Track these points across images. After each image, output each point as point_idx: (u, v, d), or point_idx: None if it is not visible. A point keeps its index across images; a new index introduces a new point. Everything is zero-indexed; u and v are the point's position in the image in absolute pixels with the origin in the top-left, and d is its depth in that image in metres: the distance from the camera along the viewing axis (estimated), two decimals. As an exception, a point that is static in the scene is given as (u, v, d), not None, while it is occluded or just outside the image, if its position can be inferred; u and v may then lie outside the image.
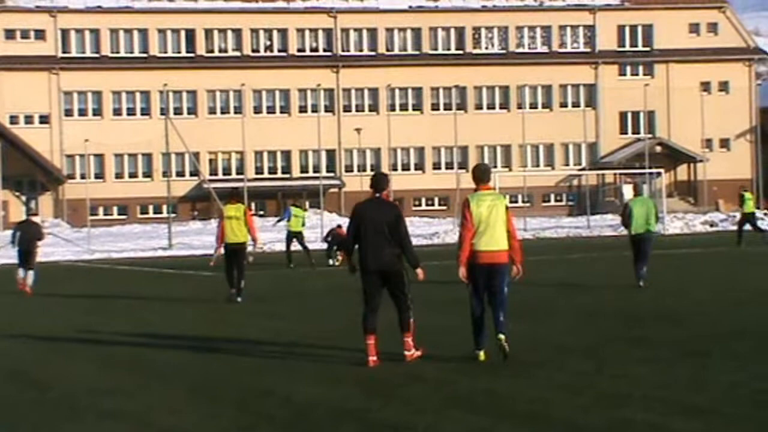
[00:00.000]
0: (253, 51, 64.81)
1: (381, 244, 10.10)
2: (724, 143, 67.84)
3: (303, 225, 27.67)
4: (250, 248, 18.27)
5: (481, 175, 10.53)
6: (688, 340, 11.27)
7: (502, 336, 10.14)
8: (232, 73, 62.55)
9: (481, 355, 10.25)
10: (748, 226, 30.75)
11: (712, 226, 43.52)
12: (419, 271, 10.30)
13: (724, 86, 67.81)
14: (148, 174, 63.36)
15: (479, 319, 10.31)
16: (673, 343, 11.08)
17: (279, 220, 29.71)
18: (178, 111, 62.71)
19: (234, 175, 62.09)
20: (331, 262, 27.37)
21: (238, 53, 64.67)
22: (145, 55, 63.75)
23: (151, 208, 62.58)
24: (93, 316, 15.97)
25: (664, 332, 11.94)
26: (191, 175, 62.67)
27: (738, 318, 13.08)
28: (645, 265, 17.73)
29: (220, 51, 64.69)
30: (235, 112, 62.84)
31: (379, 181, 10.35)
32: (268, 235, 38.30)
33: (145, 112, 63.52)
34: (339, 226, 29.47)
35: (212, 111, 64.52)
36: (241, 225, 17.65)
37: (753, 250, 27.80)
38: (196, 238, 43.37)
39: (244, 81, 59.45)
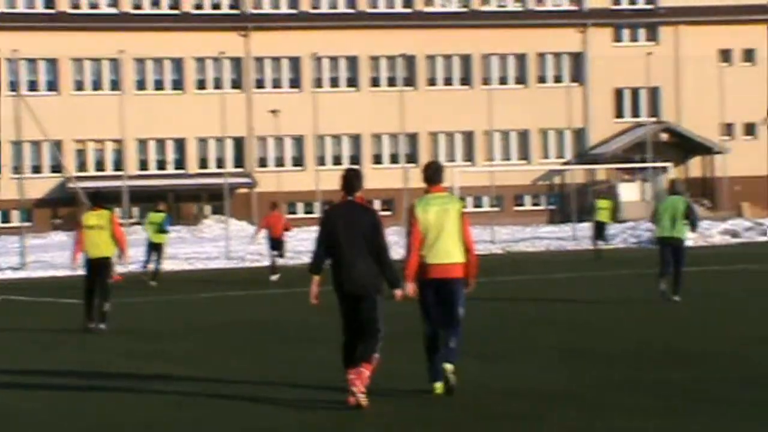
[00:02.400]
0: (135, 7, 64.49)
1: (355, 259, 10.63)
2: (749, 129, 69.03)
3: (163, 232, 29.35)
4: (119, 268, 18.82)
5: (432, 175, 11.30)
6: (703, 385, 11.55)
7: (449, 366, 10.98)
8: (107, 36, 62.19)
9: (438, 387, 11.02)
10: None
11: (734, 236, 44.30)
12: (398, 292, 10.84)
13: (748, 55, 69.03)
14: (-7, 170, 62.76)
15: (434, 345, 11.07)
16: (684, 388, 11.35)
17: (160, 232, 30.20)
18: (33, 86, 62.14)
19: (110, 171, 61.70)
20: (273, 277, 29.33)
21: (114, 10, 64.28)
22: (-11, 11, 63.10)
23: (-2, 216, 61.95)
24: None
25: (672, 375, 12.22)
26: (52, 171, 62.10)
27: (764, 357, 13.41)
28: (680, 278, 19.59)
29: (91, 7, 64.30)
30: (111, 88, 62.49)
31: (352, 179, 10.87)
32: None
33: (-10, 87, 62.88)
34: (274, 207, 30.87)
35: (79, 86, 64.08)
36: (106, 235, 18.21)
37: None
38: (59, 255, 43.02)
39: (122, 47, 59.08)
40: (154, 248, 29.31)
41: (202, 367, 13.96)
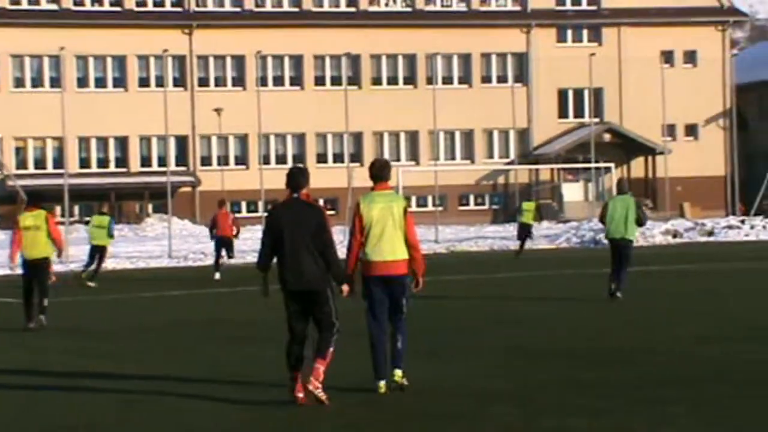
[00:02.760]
0: (76, 4, 64.02)
1: (301, 256, 10.74)
2: (691, 130, 69.72)
3: (110, 236, 29.16)
4: (57, 267, 18.79)
5: (378, 173, 11.40)
6: (642, 384, 11.70)
7: (398, 372, 11.22)
8: (48, 33, 61.68)
9: (382, 386, 11.14)
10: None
11: (675, 236, 44.76)
12: (345, 287, 11.05)
13: (690, 57, 69.70)
14: (-68, 167, 62.12)
15: (378, 343, 11.21)
16: (623, 387, 11.50)
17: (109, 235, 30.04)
18: (-27, 83, 61.57)
19: (50, 169, 61.20)
20: (217, 276, 29.26)
21: (55, 6, 63.79)
22: (-72, 7, 62.46)
23: (-64, 214, 61.31)
24: None
25: (612, 374, 12.38)
26: (-8, 169, 61.56)
27: (704, 357, 13.63)
28: (623, 276, 20.03)
29: (31, 3, 63.76)
30: (52, 85, 61.97)
31: (297, 176, 10.98)
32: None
33: (-71, 83, 62.26)
34: (221, 204, 30.77)
35: (19, 83, 63.51)
36: (42, 235, 18.27)
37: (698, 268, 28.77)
38: (-1, 254, 42.66)
39: (63, 44, 58.55)
40: (98, 250, 29.01)
41: (149, 367, 13.95)
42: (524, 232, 37.92)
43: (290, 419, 10.35)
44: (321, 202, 61.70)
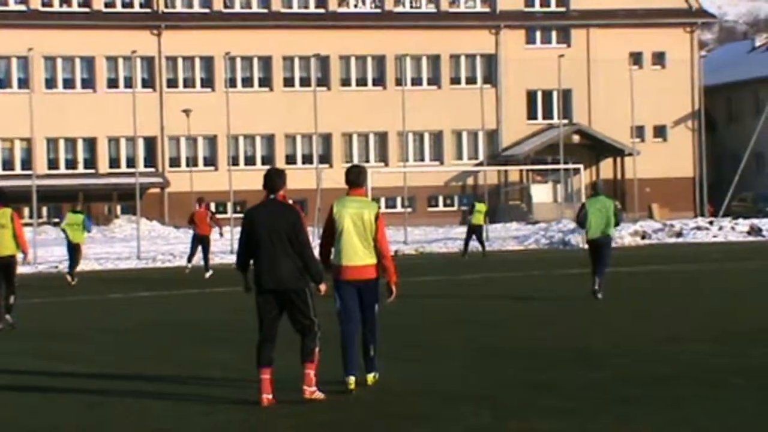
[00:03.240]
0: (45, 5, 63.75)
1: (278, 256, 10.85)
2: (660, 132, 70.04)
3: (87, 231, 29.60)
4: (26, 269, 18.75)
5: (354, 179, 11.71)
6: (611, 384, 11.76)
7: (370, 376, 11.62)
8: (16, 34, 61.41)
9: (351, 382, 11.34)
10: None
11: (643, 237, 44.90)
12: (322, 286, 11.19)
13: (659, 58, 70.03)
14: None
15: (350, 341, 11.45)
16: (592, 388, 11.54)
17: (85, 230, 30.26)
18: (-60, 83, 61.23)
19: (18, 170, 60.94)
20: (189, 266, 30.66)
21: (23, 7, 63.49)
22: None
23: None
24: None
25: (581, 375, 12.42)
26: (-41, 170, 61.22)
27: (673, 356, 13.69)
28: (603, 274, 20.26)
29: (-1, 3, 63.51)
30: (20, 86, 61.71)
31: (273, 178, 11.14)
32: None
33: None
34: (200, 201, 30.95)
35: (-13, 84, 63.18)
36: (9, 233, 18.27)
37: (676, 268, 28.93)
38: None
39: (32, 44, 58.35)
40: (75, 248, 29.17)
41: (114, 368, 13.89)
42: (474, 233, 37.91)
43: (253, 420, 10.33)
44: (289, 203, 61.57)
